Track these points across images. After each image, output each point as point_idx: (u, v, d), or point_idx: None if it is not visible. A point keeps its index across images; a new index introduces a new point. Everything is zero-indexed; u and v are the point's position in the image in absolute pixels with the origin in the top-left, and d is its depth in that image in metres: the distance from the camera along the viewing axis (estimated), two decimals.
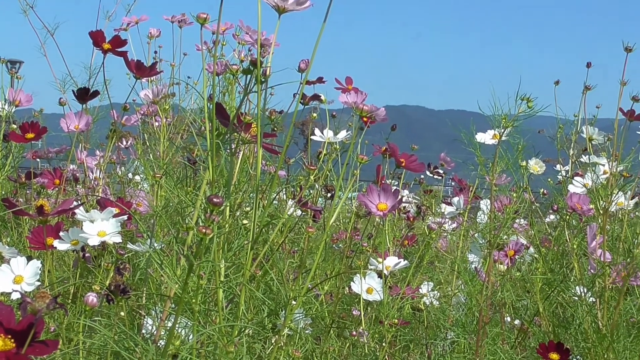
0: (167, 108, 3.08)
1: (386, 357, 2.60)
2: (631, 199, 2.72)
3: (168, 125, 3.10)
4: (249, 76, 1.80)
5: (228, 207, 1.85)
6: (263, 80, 1.78)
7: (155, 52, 4.11)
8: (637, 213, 3.11)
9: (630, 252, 2.42)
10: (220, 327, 1.77)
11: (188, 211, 1.99)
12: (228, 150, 1.84)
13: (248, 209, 2.14)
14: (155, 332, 1.82)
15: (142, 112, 3.28)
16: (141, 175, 3.59)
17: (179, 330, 1.64)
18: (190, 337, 1.68)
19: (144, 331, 1.91)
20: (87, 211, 2.05)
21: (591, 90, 3.00)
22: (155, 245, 2.07)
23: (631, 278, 2.47)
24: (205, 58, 2.12)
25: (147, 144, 3.22)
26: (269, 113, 2.33)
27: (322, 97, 2.76)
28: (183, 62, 4.11)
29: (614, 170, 2.52)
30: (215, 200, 1.48)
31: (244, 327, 1.86)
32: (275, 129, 2.58)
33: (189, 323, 1.68)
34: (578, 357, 2.52)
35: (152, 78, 3.27)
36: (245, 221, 2.02)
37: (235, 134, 1.82)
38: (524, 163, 2.84)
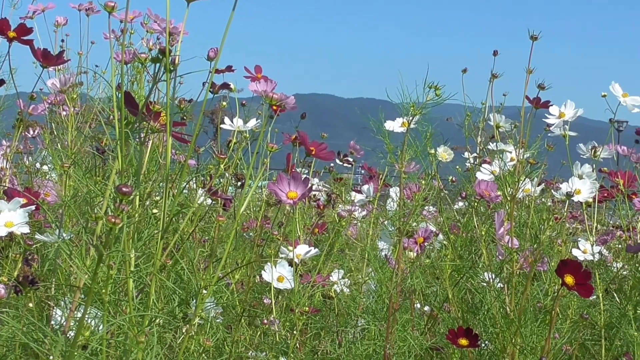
0: (75, 97, 3.05)
1: (297, 345, 2.61)
2: (538, 186, 2.76)
3: (76, 115, 3.06)
4: (157, 65, 1.78)
5: (138, 197, 1.83)
6: (172, 69, 1.77)
7: (62, 40, 4.06)
8: (543, 199, 3.16)
9: (536, 238, 2.46)
10: (131, 317, 1.76)
11: (97, 201, 1.98)
12: (137, 140, 1.83)
13: (158, 198, 2.13)
14: (64, 323, 1.80)
15: (49, 101, 3.24)
16: (49, 165, 3.55)
17: (89, 321, 1.63)
18: (100, 327, 1.67)
19: (53, 322, 1.89)
20: None
21: (498, 79, 3.04)
22: (64, 235, 2.04)
23: (538, 264, 2.51)
24: (113, 47, 2.10)
25: (55, 133, 3.18)
26: (178, 102, 2.32)
27: (232, 86, 2.75)
28: (91, 51, 4.07)
29: (521, 158, 2.55)
30: (124, 189, 1.47)
31: (155, 317, 1.85)
32: (185, 117, 2.57)
33: (98, 313, 1.66)
34: (487, 342, 2.55)
35: (59, 67, 3.23)
36: (155, 210, 2.01)
37: (145, 122, 1.81)
38: (432, 151, 2.87)
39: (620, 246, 3.51)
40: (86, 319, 1.59)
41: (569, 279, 2.09)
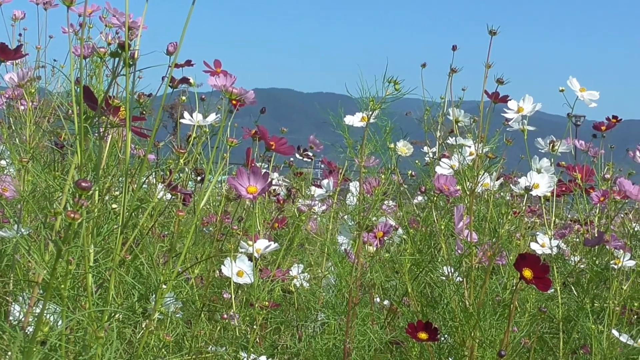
0: (33, 91, 3.02)
1: (257, 339, 2.61)
2: (496, 180, 2.78)
3: (34, 109, 3.04)
4: (117, 59, 1.78)
5: (97, 192, 1.83)
6: (131, 63, 1.77)
7: (20, 34, 4.03)
8: (502, 194, 3.18)
9: (495, 232, 2.48)
10: (90, 312, 1.75)
11: (56, 196, 1.97)
12: (96, 134, 1.82)
13: (117, 193, 2.12)
14: (23, 319, 1.79)
15: (7, 96, 3.21)
16: (7, 160, 3.52)
17: (48, 316, 1.62)
18: (60, 323, 1.66)
19: (11, 318, 1.88)
20: None
21: (457, 73, 3.05)
22: (23, 230, 2.03)
23: (497, 257, 2.52)
24: (72, 41, 2.09)
25: (13, 128, 3.16)
26: (137, 96, 2.31)
27: (191, 80, 2.74)
28: (49, 45, 4.05)
29: (480, 152, 2.57)
30: (83, 184, 1.46)
31: (114, 312, 1.84)
32: (144, 112, 2.56)
33: (57, 309, 1.66)
34: (446, 335, 2.56)
35: (17, 61, 3.21)
36: (114, 205, 2.00)
37: (104, 117, 1.80)
38: (392, 145, 2.88)
39: (578, 240, 3.54)
40: (45, 314, 1.58)
41: (527, 273, 2.10)
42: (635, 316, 2.79)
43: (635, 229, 3.23)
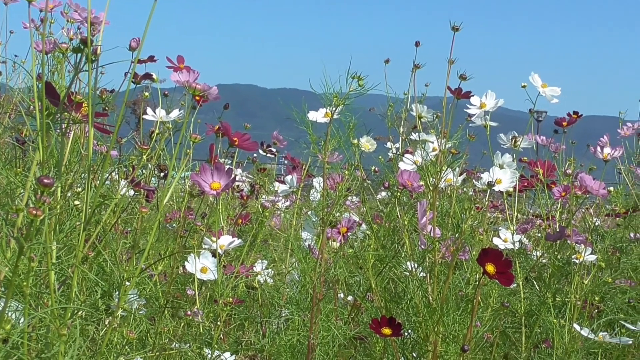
0: None
1: (221, 335, 2.60)
2: (459, 176, 2.79)
3: None
4: (79, 55, 1.77)
5: (59, 188, 1.82)
6: (94, 59, 1.76)
7: None
8: (465, 189, 3.19)
9: (458, 228, 2.49)
10: (53, 309, 1.74)
11: (18, 192, 1.96)
12: (58, 130, 1.81)
13: (80, 189, 2.11)
14: None
15: None
16: None
17: (10, 314, 1.61)
18: (22, 320, 1.65)
19: None
20: None
21: (420, 69, 3.05)
22: None
23: (460, 253, 2.53)
24: (33, 36, 2.08)
25: None
26: (100, 92, 2.30)
27: (154, 76, 2.73)
28: (10, 40, 4.02)
29: (443, 148, 2.57)
30: (45, 181, 1.45)
31: (77, 310, 1.83)
32: (107, 108, 2.54)
33: (19, 306, 1.65)
34: (410, 331, 2.57)
35: None
36: (77, 202, 1.99)
37: (66, 113, 1.79)
38: (355, 141, 2.88)
39: (539, 235, 3.56)
40: (7, 312, 1.57)
41: (490, 268, 2.11)
42: (596, 310, 2.81)
43: (596, 223, 3.26)
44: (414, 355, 2.58)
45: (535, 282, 2.99)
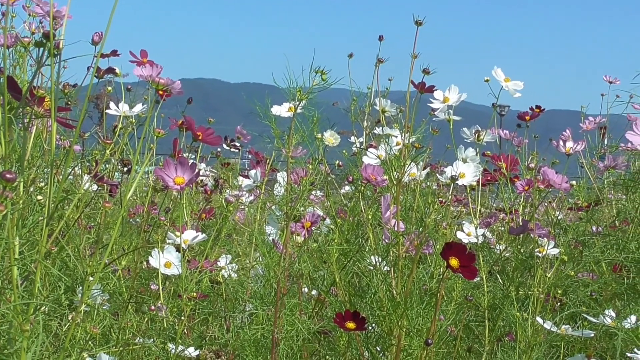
0: None
1: (185, 330, 2.60)
2: (423, 170, 2.79)
3: None
4: (41, 49, 1.76)
5: (22, 183, 1.81)
6: (56, 53, 1.75)
7: None
8: (428, 183, 3.20)
9: (422, 222, 2.49)
10: (15, 305, 1.73)
11: None
12: (21, 125, 1.80)
13: (42, 184, 2.10)
14: None
15: None
16: None
17: None
18: None
19: None
20: None
21: (384, 63, 3.06)
22: None
23: (423, 247, 2.54)
24: None
25: None
26: (62, 86, 2.28)
27: (117, 71, 2.72)
28: None
29: (407, 142, 2.58)
30: (8, 176, 1.45)
31: (40, 305, 1.83)
32: (70, 102, 2.53)
33: None
34: (374, 325, 2.57)
35: None
36: (39, 197, 1.98)
37: (28, 108, 1.78)
38: (319, 135, 2.88)
39: (503, 228, 3.58)
40: None
41: (454, 262, 2.12)
42: (559, 303, 2.83)
43: (559, 217, 3.28)
44: (378, 349, 2.59)
45: (498, 276, 3.00)
